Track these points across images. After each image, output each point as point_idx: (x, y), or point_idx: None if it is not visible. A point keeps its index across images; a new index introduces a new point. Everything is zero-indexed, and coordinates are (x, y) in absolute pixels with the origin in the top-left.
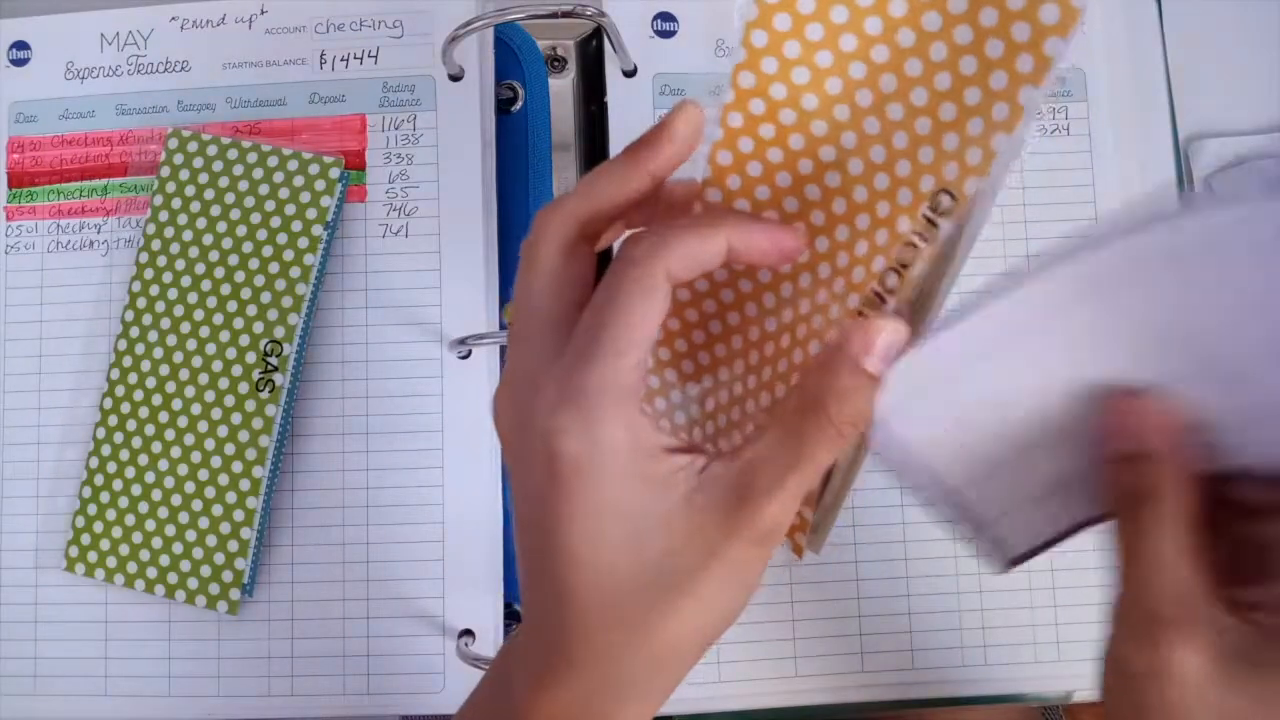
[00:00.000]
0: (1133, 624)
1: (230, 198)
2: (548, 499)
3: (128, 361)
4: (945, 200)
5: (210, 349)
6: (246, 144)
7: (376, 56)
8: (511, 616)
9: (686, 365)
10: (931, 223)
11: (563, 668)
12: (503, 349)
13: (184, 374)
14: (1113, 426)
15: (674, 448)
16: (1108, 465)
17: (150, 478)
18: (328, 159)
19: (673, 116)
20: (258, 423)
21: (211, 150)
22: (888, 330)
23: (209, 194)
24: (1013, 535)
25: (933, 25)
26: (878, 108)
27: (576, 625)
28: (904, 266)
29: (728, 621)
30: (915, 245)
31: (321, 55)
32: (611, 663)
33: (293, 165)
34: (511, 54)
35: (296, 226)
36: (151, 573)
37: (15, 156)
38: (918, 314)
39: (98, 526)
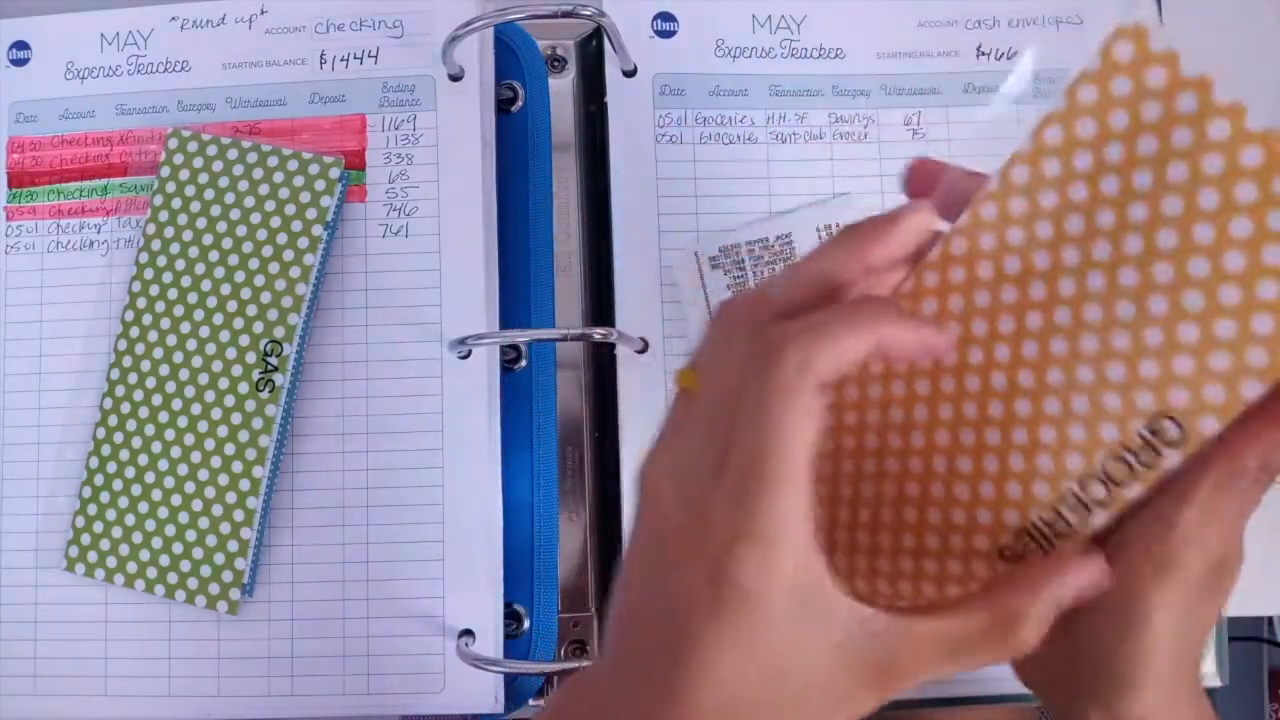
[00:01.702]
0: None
1: (230, 198)
2: (699, 614)
3: (128, 361)
4: (1172, 429)
5: (210, 349)
6: (246, 144)
7: (376, 56)
8: (512, 617)
9: (822, 489)
10: (1152, 447)
11: None
12: (504, 348)
13: (184, 374)
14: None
15: (837, 584)
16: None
17: (150, 478)
18: (328, 159)
19: (904, 212)
20: (258, 423)
21: (211, 150)
22: (1094, 570)
23: (209, 194)
24: None
25: (1204, 238)
26: (1107, 298)
27: None
28: (1114, 483)
29: None
30: (1130, 465)
31: (321, 55)
32: None
33: (293, 165)
34: (511, 54)
35: (296, 226)
36: (151, 573)
37: (15, 156)
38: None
39: (98, 526)
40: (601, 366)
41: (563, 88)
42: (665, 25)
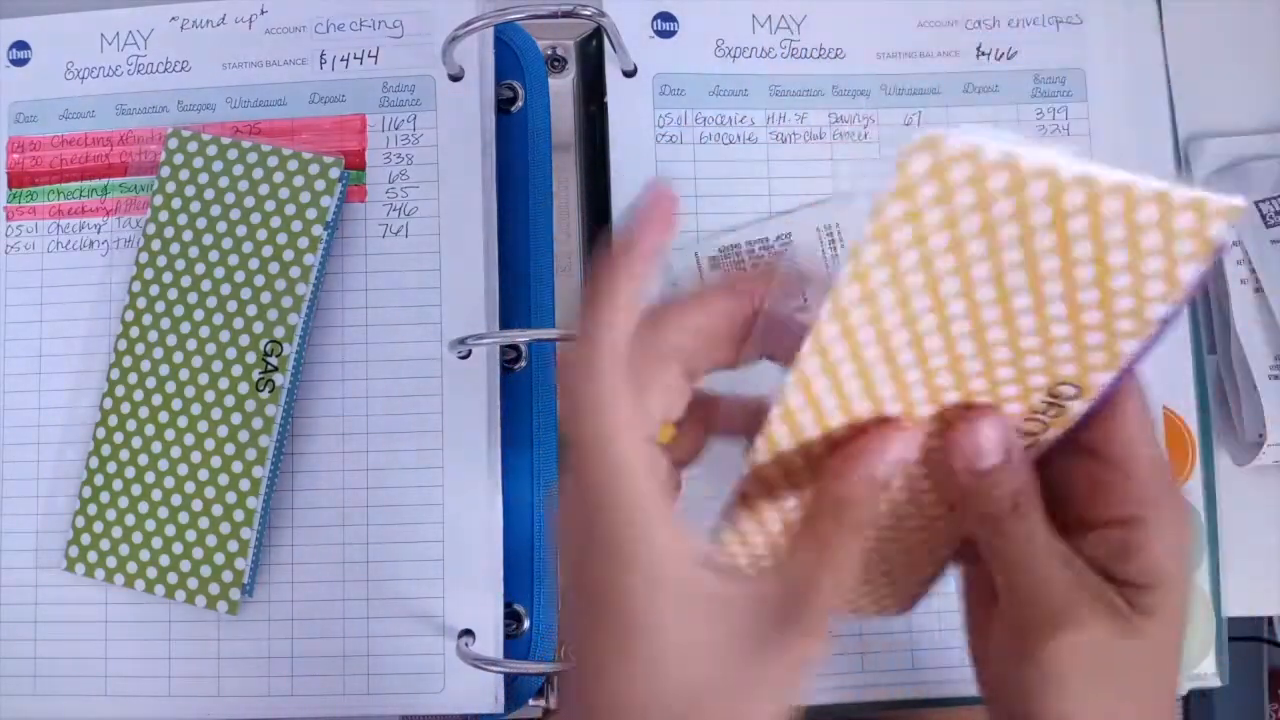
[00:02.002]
0: (1036, 619)
1: (230, 198)
2: (602, 650)
3: (128, 361)
4: (1069, 389)
5: (210, 349)
6: (246, 144)
7: (376, 56)
8: (512, 617)
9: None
10: (1056, 404)
11: None
12: (504, 348)
13: (184, 374)
14: (959, 447)
15: (720, 572)
16: (965, 487)
17: (150, 478)
18: (328, 159)
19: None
20: (258, 423)
21: (211, 150)
22: (901, 441)
23: (209, 194)
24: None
25: (1050, 267)
26: (976, 333)
27: None
28: (1031, 434)
29: None
30: (1041, 421)
31: (321, 55)
32: None
33: (293, 165)
34: (511, 54)
35: (296, 226)
36: (151, 573)
37: (15, 156)
38: None
39: (98, 526)
40: None
41: (563, 88)
42: (665, 25)
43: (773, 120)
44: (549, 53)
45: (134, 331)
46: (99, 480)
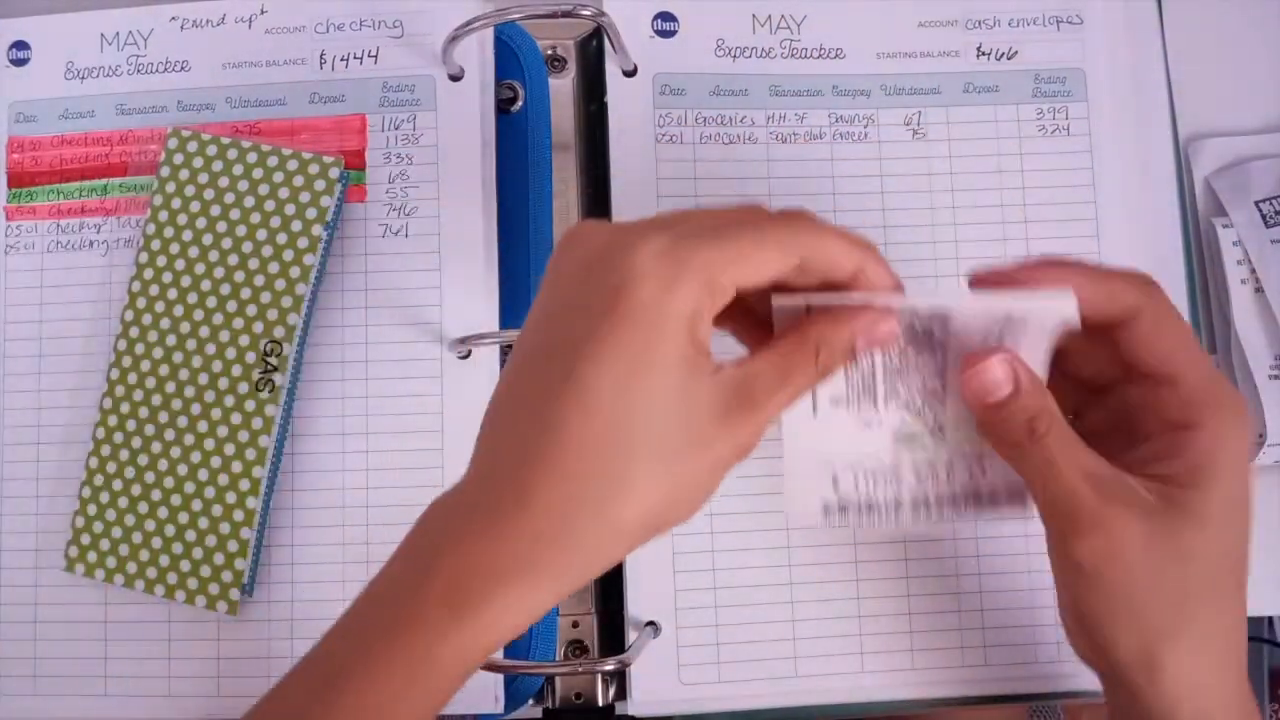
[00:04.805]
0: (1067, 528)
1: (230, 198)
2: (592, 336)
3: (128, 361)
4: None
5: (210, 349)
6: (246, 144)
7: (376, 56)
8: None
9: None
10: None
11: (512, 510)
12: (503, 348)
13: (184, 374)
14: (969, 385)
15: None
16: (984, 423)
17: (150, 478)
18: (327, 159)
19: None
20: (258, 423)
21: (211, 150)
22: (884, 321)
23: (209, 194)
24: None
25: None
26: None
27: (550, 464)
28: None
29: (678, 519)
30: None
31: (321, 55)
32: (564, 515)
33: (292, 165)
34: (511, 54)
35: (296, 226)
36: (151, 573)
37: (15, 156)
38: None
39: (98, 526)
40: None
41: (563, 88)
42: (665, 25)
43: (773, 120)
44: (549, 53)
45: (134, 331)
46: (99, 480)
